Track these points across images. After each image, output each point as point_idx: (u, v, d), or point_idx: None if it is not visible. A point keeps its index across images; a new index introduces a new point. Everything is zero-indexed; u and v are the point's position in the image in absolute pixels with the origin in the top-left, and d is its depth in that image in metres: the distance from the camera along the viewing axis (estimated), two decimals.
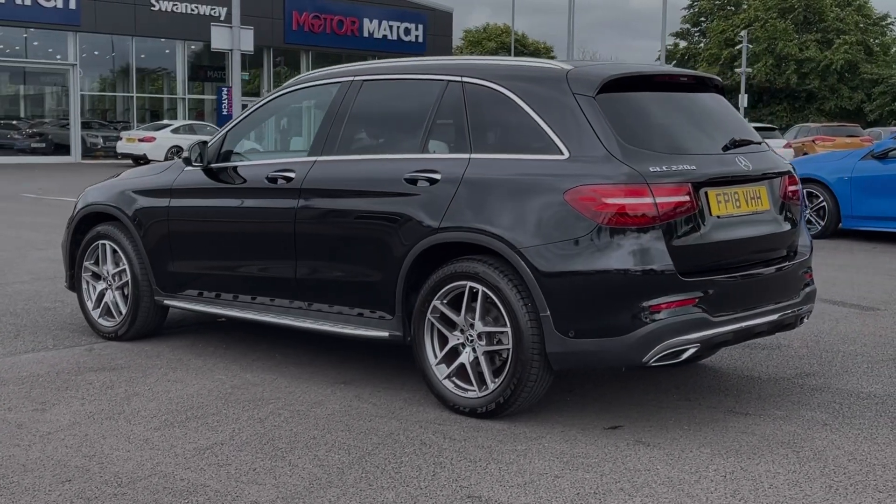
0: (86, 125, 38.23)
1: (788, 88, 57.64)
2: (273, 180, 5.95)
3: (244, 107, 28.24)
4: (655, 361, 4.77)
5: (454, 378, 5.19)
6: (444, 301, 5.17)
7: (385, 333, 5.46)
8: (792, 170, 5.62)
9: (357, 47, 43.89)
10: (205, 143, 6.42)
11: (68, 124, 37.99)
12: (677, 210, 4.81)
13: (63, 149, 37.56)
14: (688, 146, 5.13)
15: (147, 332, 6.87)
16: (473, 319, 5.09)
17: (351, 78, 5.94)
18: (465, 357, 5.14)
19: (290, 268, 5.89)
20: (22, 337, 6.97)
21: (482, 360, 5.08)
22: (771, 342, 6.89)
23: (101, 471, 4.34)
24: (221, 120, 39.53)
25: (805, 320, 5.65)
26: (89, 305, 7.04)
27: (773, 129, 31.67)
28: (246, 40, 20.94)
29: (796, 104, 57.99)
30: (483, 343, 5.06)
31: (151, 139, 33.34)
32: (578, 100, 4.98)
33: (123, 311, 6.82)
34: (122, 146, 34.38)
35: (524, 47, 76.55)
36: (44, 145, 38.07)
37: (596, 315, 4.77)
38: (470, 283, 5.04)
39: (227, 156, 6.36)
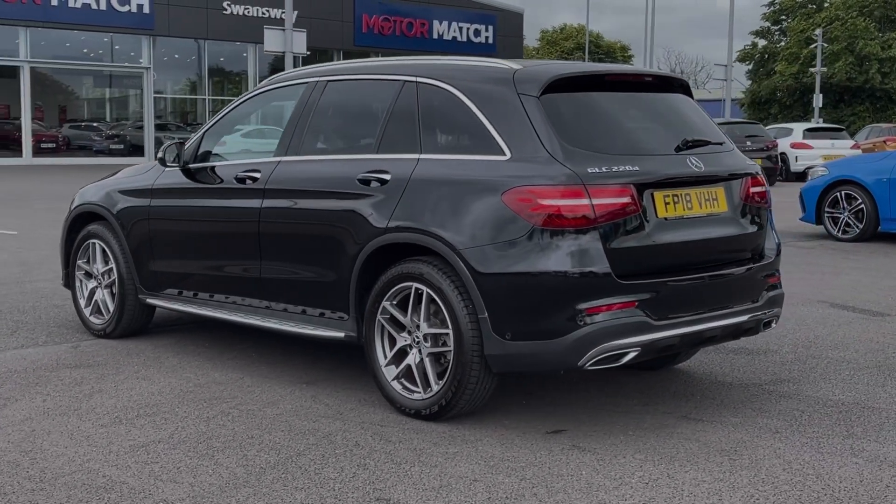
0: (162, 127, 38.95)
1: (870, 88, 56.25)
2: (242, 181, 6.01)
3: None
4: (593, 365, 4.70)
5: (402, 379, 5.17)
6: (394, 302, 5.15)
7: (341, 334, 5.46)
8: (757, 171, 5.49)
9: (426, 49, 43.97)
10: (182, 143, 6.50)
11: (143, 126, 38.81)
12: (616, 212, 4.73)
13: (138, 150, 38.35)
14: (635, 147, 5.04)
15: (135, 330, 6.98)
16: (419, 321, 5.07)
17: (317, 78, 5.96)
18: (412, 359, 5.13)
19: (256, 267, 5.93)
20: (18, 333, 7.13)
21: (427, 361, 5.06)
22: (757, 346, 6.74)
23: (31, 466, 4.42)
24: None
25: (773, 325, 5.51)
26: (82, 303, 7.18)
27: (839, 130, 30.85)
28: (299, 43, 21.14)
29: (878, 104, 56.55)
30: (428, 345, 5.04)
31: (222, 143, 33.81)
32: (523, 100, 4.93)
33: (111, 310, 6.94)
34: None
35: (599, 48, 76.06)
36: (121, 147, 38.94)
37: (532, 317, 4.71)
38: (415, 285, 5.02)
39: (206, 156, 6.43)
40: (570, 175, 4.68)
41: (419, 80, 5.36)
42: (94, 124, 40.34)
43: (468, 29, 45.37)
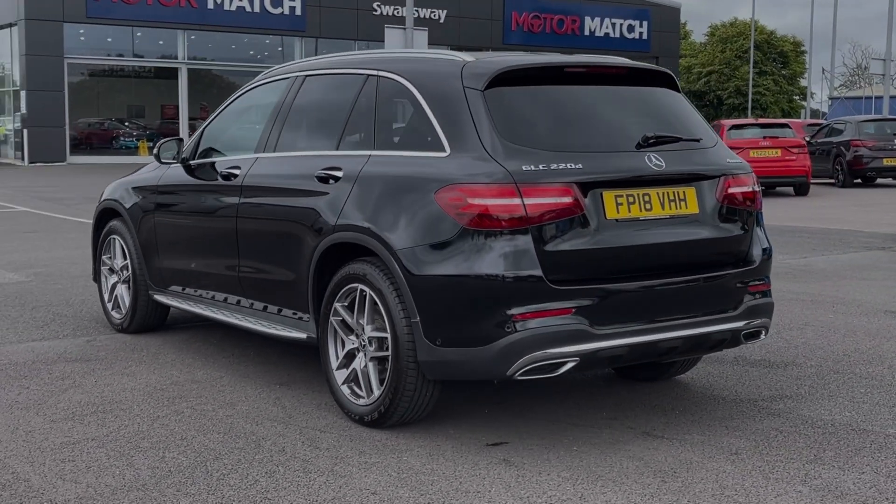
0: None
1: None
2: (226, 177, 5.96)
3: None
4: (523, 375, 4.42)
5: (351, 384, 5.01)
6: (344, 304, 4.99)
7: (304, 335, 5.34)
8: (741, 171, 5.06)
9: (578, 46, 43.47)
10: (181, 140, 6.51)
11: None
12: (553, 212, 4.43)
13: None
14: (587, 143, 4.72)
15: (150, 326, 7.03)
16: (364, 323, 4.90)
17: (297, 73, 5.86)
18: (358, 362, 4.96)
19: (235, 265, 5.88)
20: (49, 326, 7.29)
21: (370, 365, 4.88)
22: (781, 358, 6.27)
23: None
24: None
25: (762, 336, 5.08)
26: (105, 297, 7.30)
27: None
28: (420, 42, 21.13)
29: None
30: (372, 348, 4.86)
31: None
32: (468, 94, 4.69)
33: (128, 305, 7.02)
34: None
35: (770, 45, 73.48)
36: None
37: (460, 323, 4.47)
38: (360, 286, 4.85)
39: (208, 153, 6.41)
40: (501, 173, 4.41)
41: (380, 73, 5.18)
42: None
43: (621, 25, 44.61)
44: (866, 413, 5.16)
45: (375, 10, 39.27)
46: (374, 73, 5.21)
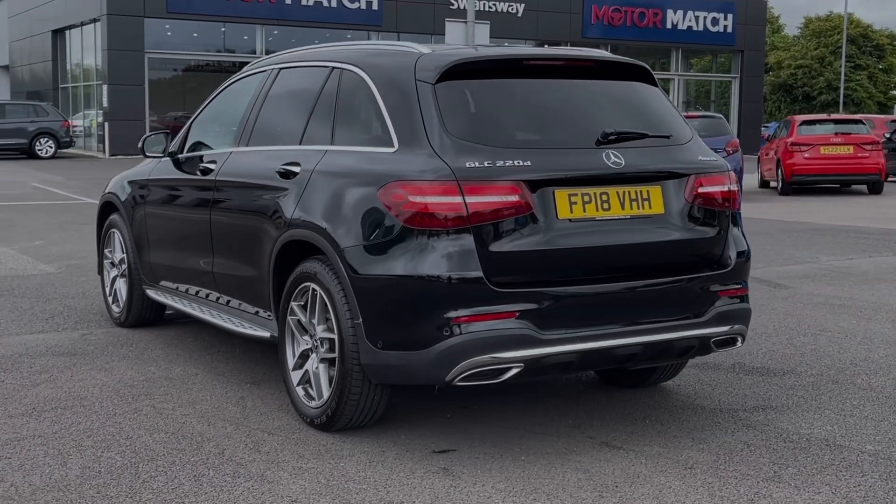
0: None
1: None
2: (204, 172, 5.88)
3: None
4: (463, 381, 4.23)
5: (305, 385, 4.87)
6: (300, 303, 4.86)
7: (267, 334, 5.23)
8: (714, 169, 4.79)
9: (659, 39, 42.79)
10: (168, 133, 6.45)
11: None
12: (497, 211, 4.24)
13: None
14: (540, 140, 4.51)
15: (147, 321, 7.00)
16: (316, 323, 4.76)
17: (273, 66, 5.74)
18: (311, 363, 4.82)
19: (209, 261, 5.80)
20: (54, 319, 7.32)
21: (320, 367, 4.75)
22: (783, 366, 5.97)
23: None
24: None
25: (738, 343, 4.81)
26: (106, 291, 7.29)
27: None
28: (481, 35, 20.90)
29: None
30: (323, 350, 4.72)
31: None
32: (419, 88, 4.52)
33: (124, 299, 7.00)
34: None
35: (866, 38, 71.41)
36: None
37: (399, 325, 4.31)
38: (312, 285, 4.71)
39: (196, 147, 6.33)
40: (442, 170, 4.23)
41: (343, 66, 5.03)
42: None
43: (705, 18, 43.69)
44: (850, 428, 4.85)
45: (453, 4, 39.08)
46: (339, 65, 5.07)
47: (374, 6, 37.78)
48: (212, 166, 5.77)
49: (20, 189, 20.03)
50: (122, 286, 7.05)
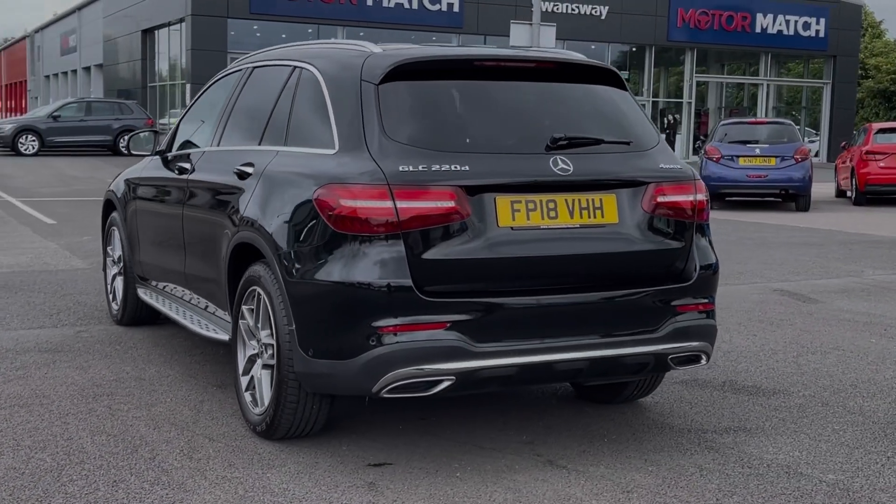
0: None
1: None
2: (180, 171, 5.82)
3: None
4: (390, 392, 4.07)
5: (252, 390, 4.77)
6: (250, 307, 4.76)
7: (226, 337, 5.14)
8: (678, 177, 4.54)
9: (747, 43, 41.87)
10: (157, 132, 6.42)
11: None
12: (430, 217, 4.07)
13: None
14: (482, 144, 4.30)
15: (142, 319, 6.97)
16: (260, 328, 4.65)
17: (248, 65, 5.66)
18: (256, 369, 4.71)
19: (182, 261, 5.74)
20: (59, 315, 7.36)
21: (263, 374, 4.63)
22: (775, 385, 5.67)
23: None
24: None
25: (702, 361, 4.56)
26: (108, 289, 7.30)
27: None
28: (547, 37, 20.64)
29: None
30: (267, 355, 4.61)
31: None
32: (363, 88, 4.37)
33: (120, 297, 6.99)
34: None
35: None
36: None
37: (328, 333, 4.16)
38: (258, 289, 4.60)
39: (185, 145, 6.28)
40: (373, 173, 4.08)
41: (302, 65, 4.91)
42: None
43: (796, 22, 42.60)
44: (819, 454, 4.56)
45: (533, 6, 38.73)
46: (299, 64, 4.95)
47: (455, 8, 37.72)
48: (186, 165, 5.72)
49: (95, 185, 20.36)
50: (119, 284, 7.04)
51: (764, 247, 12.00)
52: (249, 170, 4.84)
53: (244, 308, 4.77)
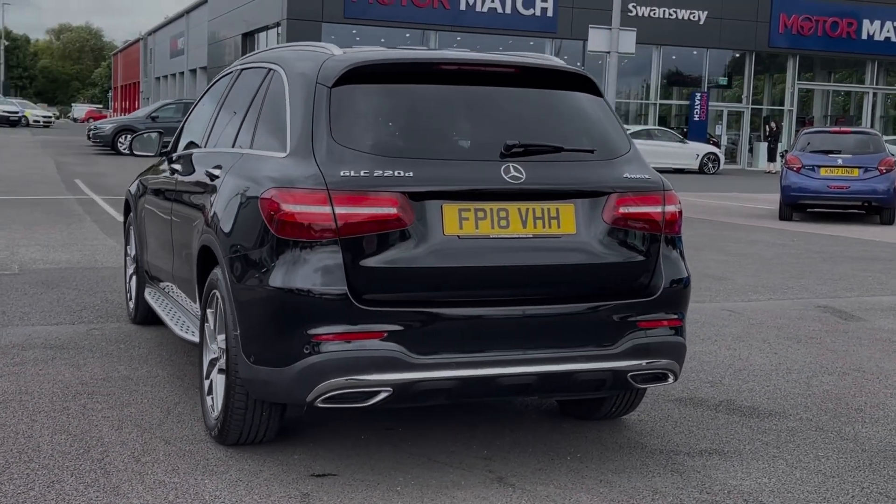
0: None
1: None
2: (172, 172, 5.85)
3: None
4: (325, 402, 3.98)
5: (212, 394, 4.72)
6: (212, 310, 4.72)
7: (197, 339, 5.12)
8: (643, 188, 4.35)
9: (853, 51, 40.71)
10: (161, 133, 6.45)
11: None
12: (371, 224, 3.96)
13: None
14: (432, 150, 4.18)
15: (156, 318, 7.00)
16: (216, 332, 4.61)
17: (238, 67, 5.64)
18: (214, 373, 4.67)
19: (171, 262, 5.75)
20: (81, 312, 7.45)
21: (217, 378, 4.59)
22: (775, 407, 5.42)
23: None
24: (693, 125, 38.87)
25: (668, 380, 4.37)
26: (126, 287, 7.38)
27: None
28: (626, 42, 20.30)
29: None
30: (222, 359, 4.56)
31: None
32: (317, 91, 4.30)
33: (133, 296, 7.05)
34: None
35: None
36: None
37: (266, 340, 4.10)
38: (217, 292, 4.56)
39: (189, 146, 6.28)
40: (314, 178, 4.00)
41: (275, 67, 4.86)
42: None
43: None
44: (790, 483, 4.31)
45: (630, 11, 38.28)
46: (272, 66, 4.90)
47: (549, 13, 37.49)
48: (178, 167, 5.73)
49: None
50: (133, 283, 7.10)
51: (829, 261, 11.55)
52: (217, 172, 4.81)
53: (208, 311, 4.74)
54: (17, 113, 52.38)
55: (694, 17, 38.69)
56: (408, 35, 37.13)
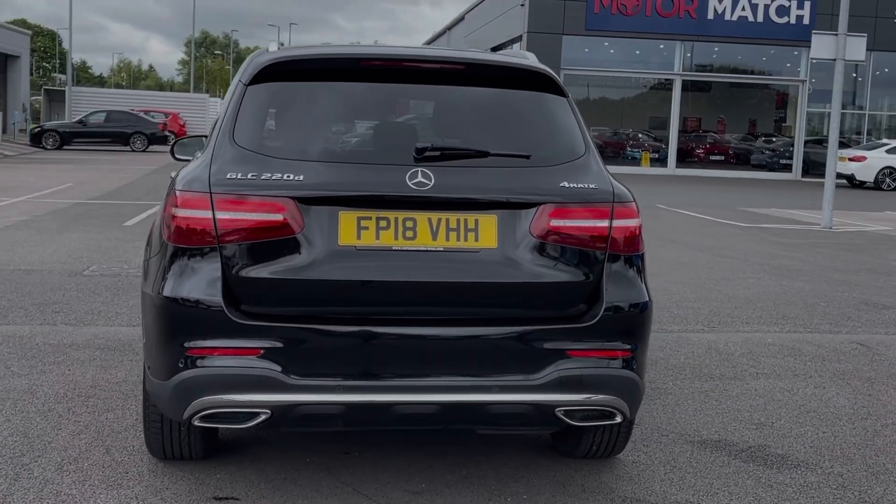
0: (815, 142, 37.04)
1: None
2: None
3: None
4: (203, 421, 3.71)
5: None
6: None
7: None
8: (583, 199, 3.80)
9: None
10: (202, 138, 6.36)
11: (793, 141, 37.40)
12: (253, 231, 3.66)
13: (786, 167, 37.15)
14: (331, 153, 3.86)
15: None
16: None
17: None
18: None
19: None
20: (116, 317, 7.42)
21: None
22: (806, 459, 4.67)
23: None
24: None
25: (616, 419, 3.83)
26: None
27: None
28: (855, 49, 18.67)
29: None
30: None
31: (861, 158, 31.21)
32: (237, 89, 4.08)
33: None
34: (838, 166, 32.73)
35: None
36: (781, 161, 37.56)
37: (152, 351, 3.88)
38: None
39: None
40: (201, 181, 3.74)
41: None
42: (757, 137, 39.49)
43: None
44: None
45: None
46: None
47: (805, 20, 35.41)
48: None
49: None
50: None
51: None
52: (174, 174, 4.65)
53: None
54: None
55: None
56: (661, 46, 36.22)
